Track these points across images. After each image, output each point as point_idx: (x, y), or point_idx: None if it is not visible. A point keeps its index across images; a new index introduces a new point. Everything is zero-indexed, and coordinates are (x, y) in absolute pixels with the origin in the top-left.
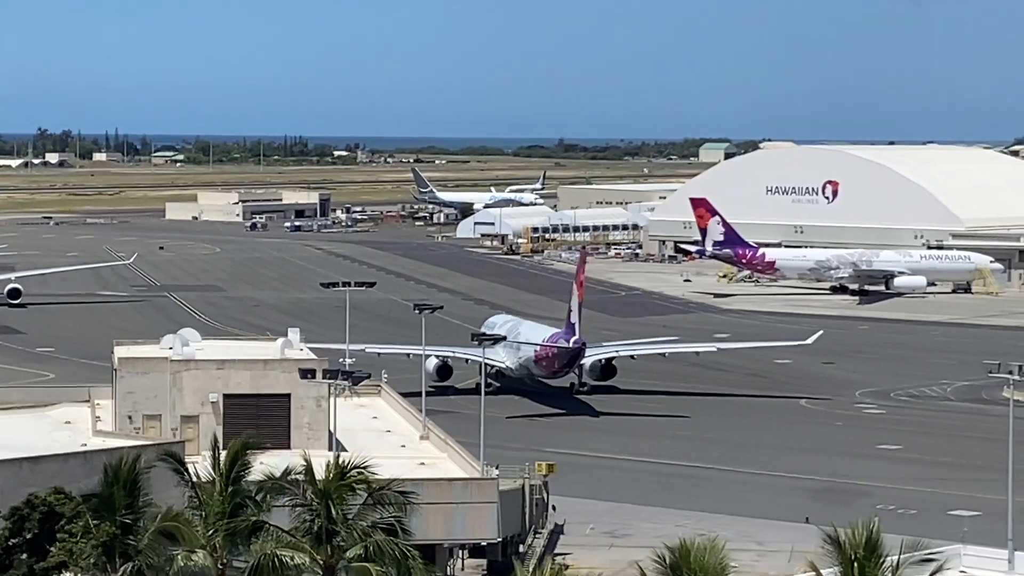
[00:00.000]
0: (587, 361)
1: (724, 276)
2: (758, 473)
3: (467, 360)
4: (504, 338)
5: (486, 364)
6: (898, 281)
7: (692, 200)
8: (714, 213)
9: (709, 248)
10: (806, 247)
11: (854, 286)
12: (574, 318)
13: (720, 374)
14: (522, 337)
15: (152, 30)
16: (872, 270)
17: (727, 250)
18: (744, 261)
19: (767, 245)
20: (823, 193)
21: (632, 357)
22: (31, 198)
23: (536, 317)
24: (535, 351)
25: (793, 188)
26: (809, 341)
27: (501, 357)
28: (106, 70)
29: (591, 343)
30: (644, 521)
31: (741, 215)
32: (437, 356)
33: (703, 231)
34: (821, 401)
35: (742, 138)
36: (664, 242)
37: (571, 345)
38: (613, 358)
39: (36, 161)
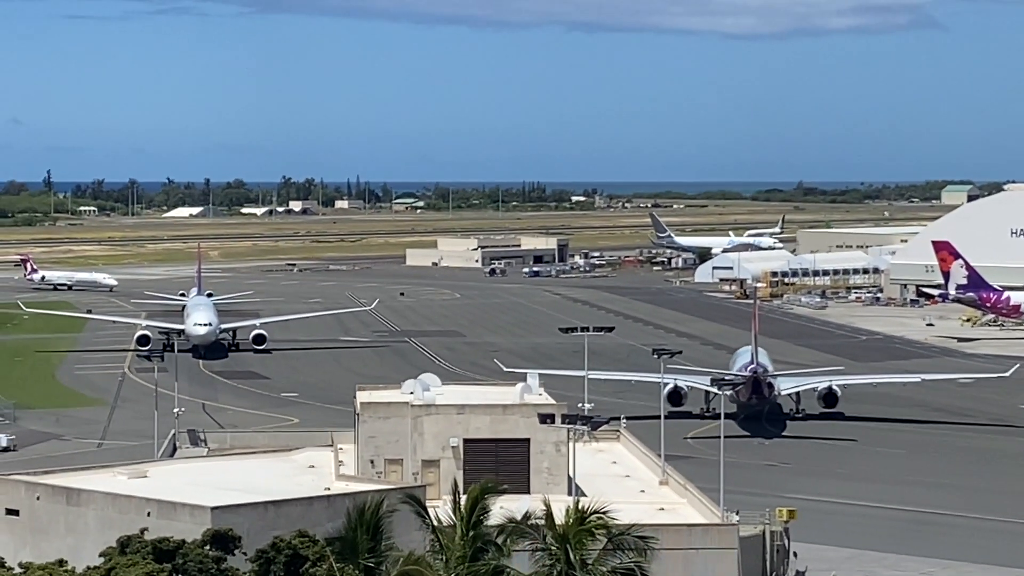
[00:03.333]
0: (807, 389)
1: (968, 320)
2: (1006, 520)
3: (689, 387)
4: (743, 383)
5: (706, 391)
6: None
7: (935, 243)
8: (957, 256)
9: (952, 292)
10: None
11: None
12: (753, 349)
13: (965, 420)
14: (735, 367)
15: (392, 81)
16: None
17: (971, 294)
18: (989, 305)
19: (1013, 288)
20: None
21: (844, 387)
22: (275, 245)
23: (774, 362)
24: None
25: None
26: (1007, 374)
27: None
28: (348, 120)
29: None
30: (887, 569)
31: (985, 258)
32: (668, 382)
33: (946, 274)
34: None
35: (985, 180)
36: (906, 286)
37: (747, 373)
38: (831, 386)
39: (280, 209)
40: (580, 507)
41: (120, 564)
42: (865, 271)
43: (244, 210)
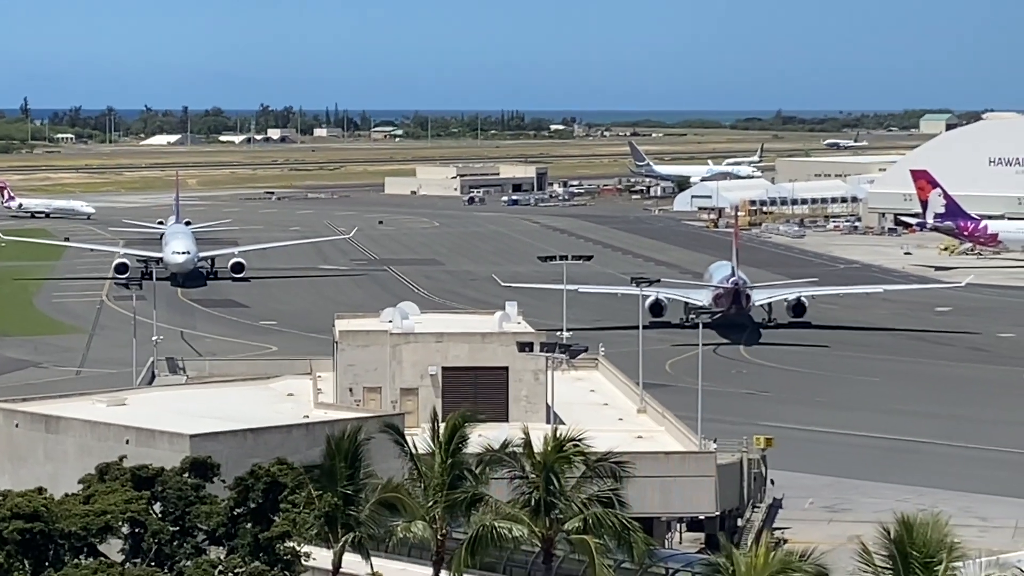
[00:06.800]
0: (778, 299)
1: (945, 249)
2: (981, 448)
3: (669, 299)
4: (722, 305)
5: (690, 302)
6: None
7: (913, 172)
8: (935, 185)
9: (930, 220)
10: None
11: None
12: (734, 263)
13: (942, 348)
14: (712, 279)
15: (371, 7)
16: None
17: (948, 222)
18: (966, 233)
19: (990, 217)
20: None
21: (812, 297)
22: (253, 173)
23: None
24: (714, 291)
25: (1017, 159)
26: (962, 284)
27: (701, 297)
28: (327, 47)
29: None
30: (864, 496)
31: (963, 187)
32: (650, 295)
33: (924, 203)
34: None
35: (964, 109)
36: (884, 214)
37: (728, 285)
38: (799, 297)
39: (258, 137)
40: (558, 435)
41: (99, 491)
42: (843, 200)
43: (222, 138)
